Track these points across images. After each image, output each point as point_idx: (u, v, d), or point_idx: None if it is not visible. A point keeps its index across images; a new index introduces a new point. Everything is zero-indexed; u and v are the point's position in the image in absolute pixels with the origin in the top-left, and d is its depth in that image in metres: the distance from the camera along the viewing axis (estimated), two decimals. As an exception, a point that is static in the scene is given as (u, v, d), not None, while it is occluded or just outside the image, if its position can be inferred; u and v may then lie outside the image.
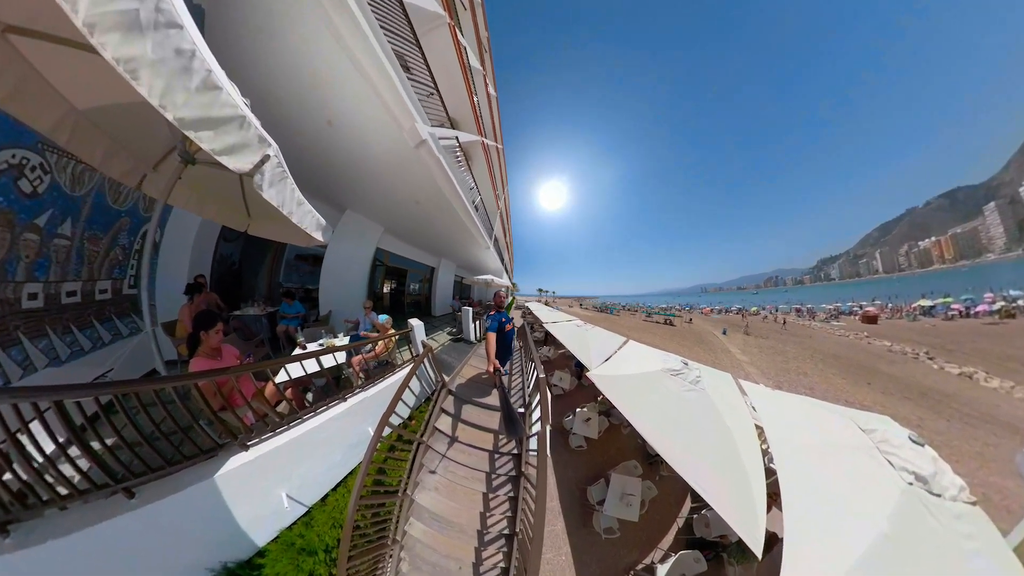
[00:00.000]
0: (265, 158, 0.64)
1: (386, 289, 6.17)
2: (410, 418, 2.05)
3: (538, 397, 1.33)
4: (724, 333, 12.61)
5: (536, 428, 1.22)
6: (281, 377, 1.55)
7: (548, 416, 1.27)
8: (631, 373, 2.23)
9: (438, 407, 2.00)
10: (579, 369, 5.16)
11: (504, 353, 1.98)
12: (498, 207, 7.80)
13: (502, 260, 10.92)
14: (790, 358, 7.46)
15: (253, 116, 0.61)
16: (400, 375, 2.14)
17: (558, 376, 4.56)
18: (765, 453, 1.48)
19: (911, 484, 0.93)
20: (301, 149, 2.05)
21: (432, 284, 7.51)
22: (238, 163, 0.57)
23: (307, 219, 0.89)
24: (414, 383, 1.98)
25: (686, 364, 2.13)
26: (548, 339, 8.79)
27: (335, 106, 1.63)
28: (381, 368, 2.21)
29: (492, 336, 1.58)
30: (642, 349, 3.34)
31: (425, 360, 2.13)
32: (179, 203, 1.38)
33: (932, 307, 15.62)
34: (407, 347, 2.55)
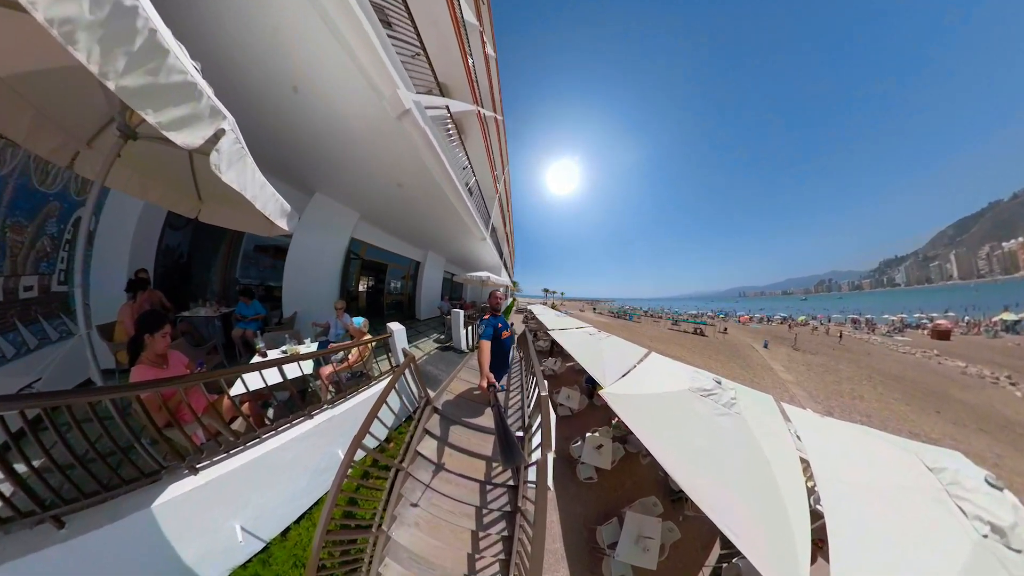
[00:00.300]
0: (219, 132, 0.63)
1: (362, 287, 6.21)
2: (388, 440, 2.06)
3: (539, 418, 1.33)
4: (765, 346, 12.51)
5: (536, 455, 1.22)
6: (237, 389, 1.56)
7: (551, 441, 1.27)
8: (653, 392, 2.25)
9: (421, 428, 2.00)
10: (590, 386, 5.21)
11: (500, 365, 1.91)
12: (496, 191, 7.83)
13: (500, 254, 10.98)
14: (843, 379, 7.36)
15: (205, 83, 0.60)
16: (377, 389, 2.16)
17: (565, 394, 4.60)
18: (811, 492, 1.46)
19: (986, 536, 0.89)
20: (261, 121, 2.02)
21: (417, 282, 7.55)
22: (188, 138, 0.56)
23: (270, 204, 0.88)
24: (393, 399, 1.88)
25: (719, 383, 2.13)
26: (554, 349, 8.95)
27: (301, 70, 1.60)
28: (355, 380, 2.22)
29: (486, 345, 1.58)
30: (667, 364, 3.36)
31: (406, 372, 2.13)
32: (118, 185, 1.34)
33: (1017, 322, 14.97)
34: (385, 356, 2.59)
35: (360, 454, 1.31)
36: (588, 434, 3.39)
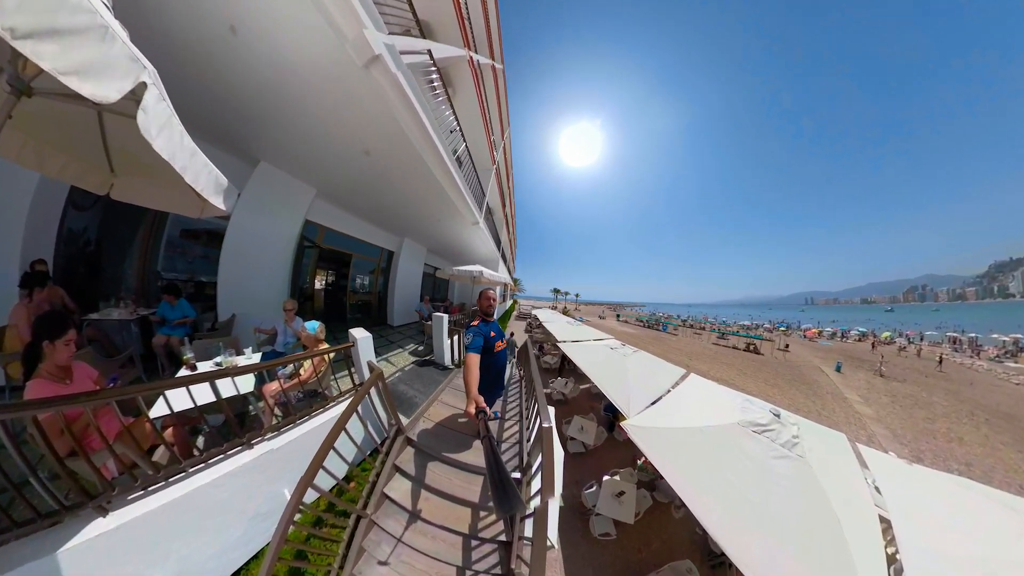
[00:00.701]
0: (141, 87, 0.61)
1: (319, 284, 6.25)
2: (348, 479, 2.07)
3: (541, 456, 1.33)
4: (838, 370, 12.44)
5: (536, 503, 1.22)
6: (159, 410, 1.57)
7: (553, 485, 1.22)
8: (691, 426, 2.28)
9: (390, 464, 2.00)
10: (610, 416, 5.25)
11: (493, 386, 1.94)
12: (494, 161, 7.88)
13: (498, 244, 10.98)
14: (938, 415, 7.28)
15: (118, 24, 0.59)
16: (335, 413, 2.16)
17: (578, 425, 4.61)
18: (892, 560, 1.42)
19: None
20: (190, 72, 1.98)
21: (389, 278, 7.63)
22: (99, 89, 0.54)
23: (202, 177, 0.86)
24: (355, 426, 1.93)
25: (777, 416, 2.14)
26: (565, 367, 9.03)
27: (241, 4, 1.57)
28: (307, 402, 2.29)
29: (474, 359, 1.57)
30: (710, 389, 3.41)
31: (373, 392, 2.14)
32: (8, 154, 1.25)
33: None
34: (347, 372, 2.52)
35: (312, 495, 1.32)
36: (606, 477, 3.38)
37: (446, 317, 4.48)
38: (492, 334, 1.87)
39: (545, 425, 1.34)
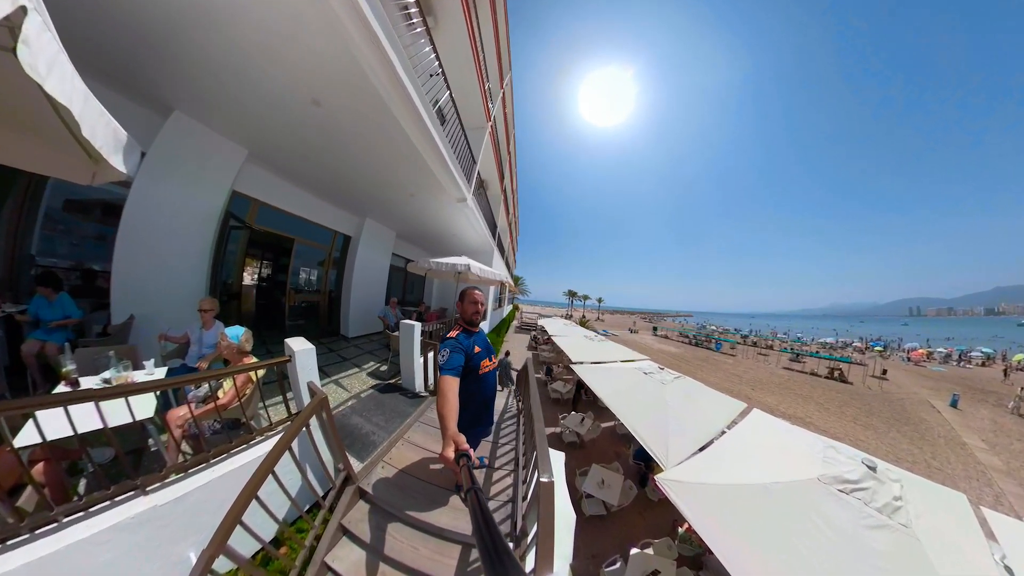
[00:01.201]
0: (19, 12, 0.61)
1: (249, 278, 6.27)
2: (278, 543, 2.04)
3: (538, 520, 1.28)
4: (954, 404, 12.34)
5: None
6: (27, 438, 1.57)
7: (551, 561, 1.16)
8: (752, 482, 2.28)
9: (335, 525, 2.01)
10: (642, 465, 5.32)
11: (479, 420, 1.92)
12: (488, 116, 7.96)
13: (493, 230, 11.12)
14: None
15: None
16: (262, 451, 2.15)
17: (597, 477, 4.62)
18: None
19: None
20: None
21: (344, 272, 7.65)
22: None
23: (99, 129, 0.85)
24: (288, 471, 1.85)
25: (872, 469, 2.14)
26: (581, 397, 9.11)
27: None
28: (226, 434, 2.23)
29: (452, 384, 1.54)
30: (779, 430, 3.38)
31: (314, 425, 2.13)
32: None
33: None
34: (281, 397, 2.51)
35: (227, 564, 1.30)
36: (635, 551, 3.37)
37: (418, 327, 4.47)
38: (477, 349, 1.86)
39: (544, 480, 1.33)
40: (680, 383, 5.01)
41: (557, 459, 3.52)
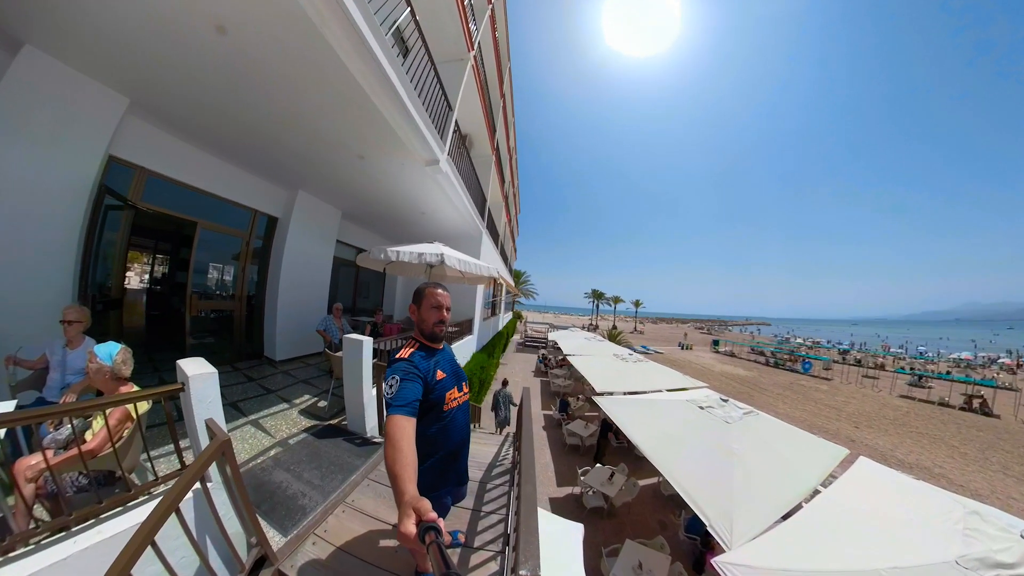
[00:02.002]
0: None
1: (135, 279, 6.26)
2: None
3: None
4: None
5: None
6: None
7: None
8: (859, 568, 2.29)
9: None
10: (697, 541, 5.29)
11: (446, 474, 1.94)
12: (470, 45, 7.90)
13: (481, 207, 11.11)
14: None
15: None
16: (143, 515, 2.12)
17: (632, 559, 4.60)
18: None
19: None
20: None
21: (269, 267, 7.64)
22: None
23: None
24: (176, 544, 1.89)
25: None
26: (610, 443, 9.03)
27: None
28: (94, 492, 2.19)
29: (404, 426, 1.53)
30: (894, 485, 3.40)
31: (217, 480, 2.16)
32: None
33: None
34: (173, 442, 2.52)
35: None
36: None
37: (369, 343, 4.42)
38: (441, 375, 1.87)
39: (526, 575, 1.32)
40: (752, 421, 5.03)
41: (572, 534, 3.51)
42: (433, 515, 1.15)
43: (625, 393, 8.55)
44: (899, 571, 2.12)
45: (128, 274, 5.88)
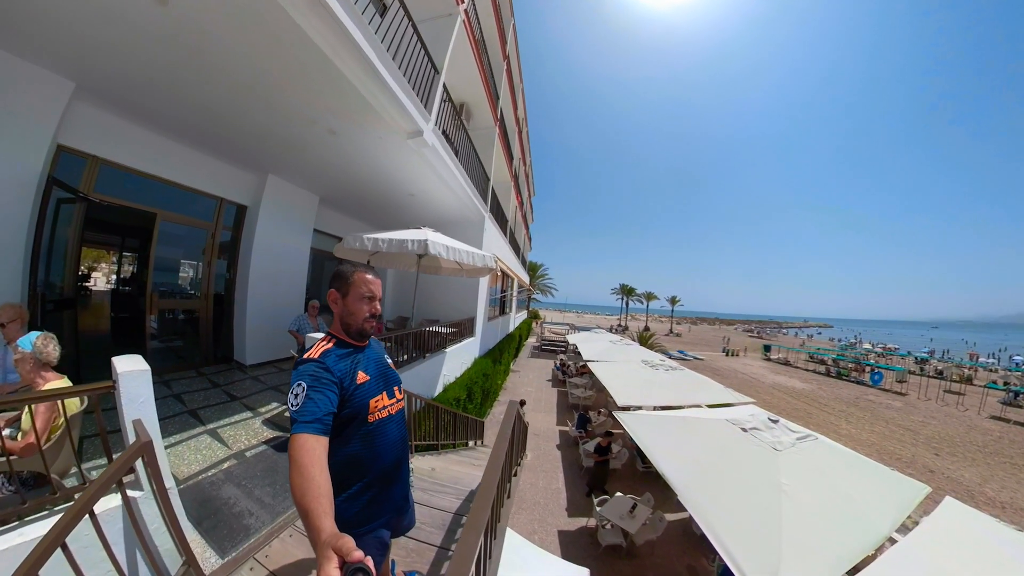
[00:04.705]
0: None
1: (91, 279, 6.30)
2: None
3: None
4: None
5: None
6: None
7: None
8: None
9: None
10: None
11: (380, 503, 1.88)
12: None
13: (483, 188, 10.98)
14: None
15: None
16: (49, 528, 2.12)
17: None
18: None
19: None
20: None
21: (238, 262, 7.70)
22: None
23: None
24: (97, 561, 1.94)
25: None
26: (637, 467, 8.75)
27: None
28: (20, 495, 2.28)
29: (311, 448, 1.47)
30: (989, 536, 3.22)
31: (147, 489, 2.28)
32: None
33: None
34: (103, 444, 2.61)
35: None
36: None
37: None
38: (363, 377, 1.79)
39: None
40: (808, 448, 4.76)
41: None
42: (359, 554, 1.04)
43: (655, 408, 8.30)
44: None
45: (83, 272, 5.98)
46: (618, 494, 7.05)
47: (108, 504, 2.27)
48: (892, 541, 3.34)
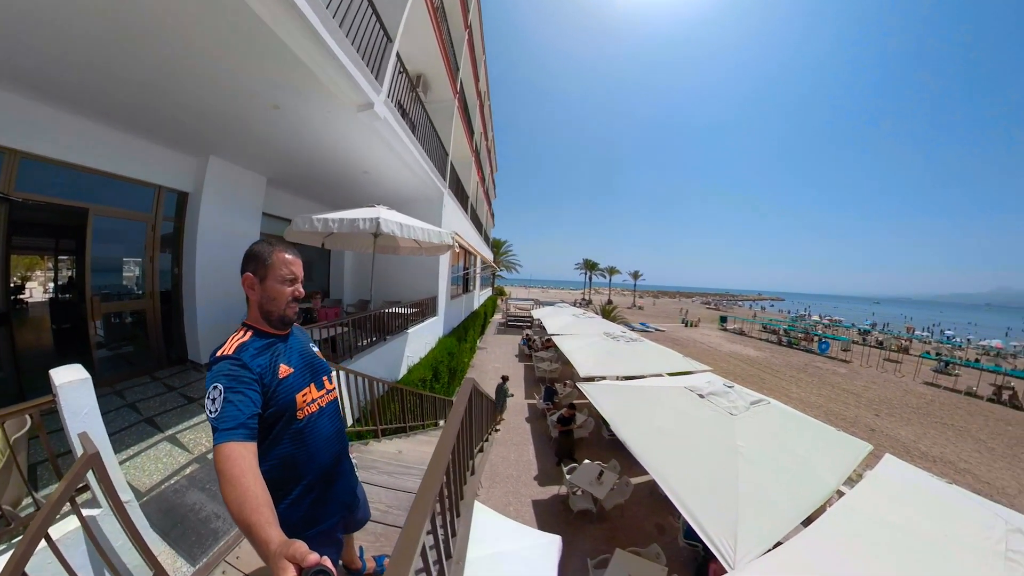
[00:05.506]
0: None
1: (23, 289, 5.81)
2: None
3: None
4: None
5: None
6: None
7: None
8: None
9: None
10: (699, 548, 5.46)
11: (325, 501, 1.80)
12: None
13: (441, 164, 10.72)
14: None
15: None
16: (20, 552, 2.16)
17: (621, 572, 4.62)
18: None
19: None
20: None
21: (183, 254, 7.41)
22: None
23: None
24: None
25: None
26: (603, 435, 9.20)
27: None
28: None
29: (239, 456, 1.35)
30: (926, 490, 3.40)
31: (105, 506, 2.24)
32: None
33: None
34: (51, 464, 2.56)
35: None
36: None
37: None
38: (286, 370, 1.66)
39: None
40: (762, 412, 5.03)
41: (546, 551, 3.47)
42: (314, 557, 1.02)
43: (617, 378, 8.59)
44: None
45: (15, 283, 5.52)
46: (586, 462, 7.34)
47: (67, 527, 2.20)
48: (840, 494, 3.59)
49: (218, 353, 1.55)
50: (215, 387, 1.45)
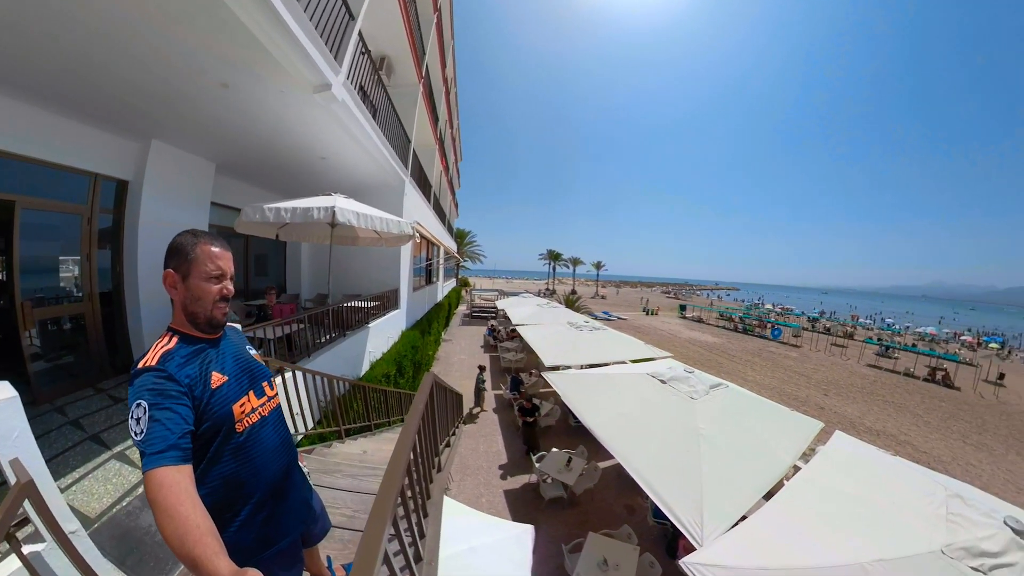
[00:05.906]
0: None
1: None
2: None
3: None
4: None
5: None
6: None
7: None
8: (838, 562, 2.37)
9: None
10: (668, 526, 5.61)
11: (278, 518, 1.66)
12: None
13: (403, 151, 10.62)
14: None
15: None
16: None
17: (595, 555, 4.68)
18: None
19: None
20: None
21: (123, 250, 6.86)
22: None
23: None
24: None
25: (1019, 534, 2.31)
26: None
27: None
28: None
29: (174, 484, 1.20)
30: (872, 463, 3.62)
31: (49, 540, 2.09)
32: None
33: None
34: None
35: None
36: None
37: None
38: (219, 378, 1.52)
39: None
40: (721, 395, 5.23)
41: (519, 542, 3.50)
42: None
43: (581, 367, 8.74)
44: (884, 564, 2.25)
45: None
46: (554, 450, 7.44)
47: (8, 568, 2.06)
48: (796, 469, 3.81)
49: (140, 364, 1.39)
50: (138, 404, 1.31)
